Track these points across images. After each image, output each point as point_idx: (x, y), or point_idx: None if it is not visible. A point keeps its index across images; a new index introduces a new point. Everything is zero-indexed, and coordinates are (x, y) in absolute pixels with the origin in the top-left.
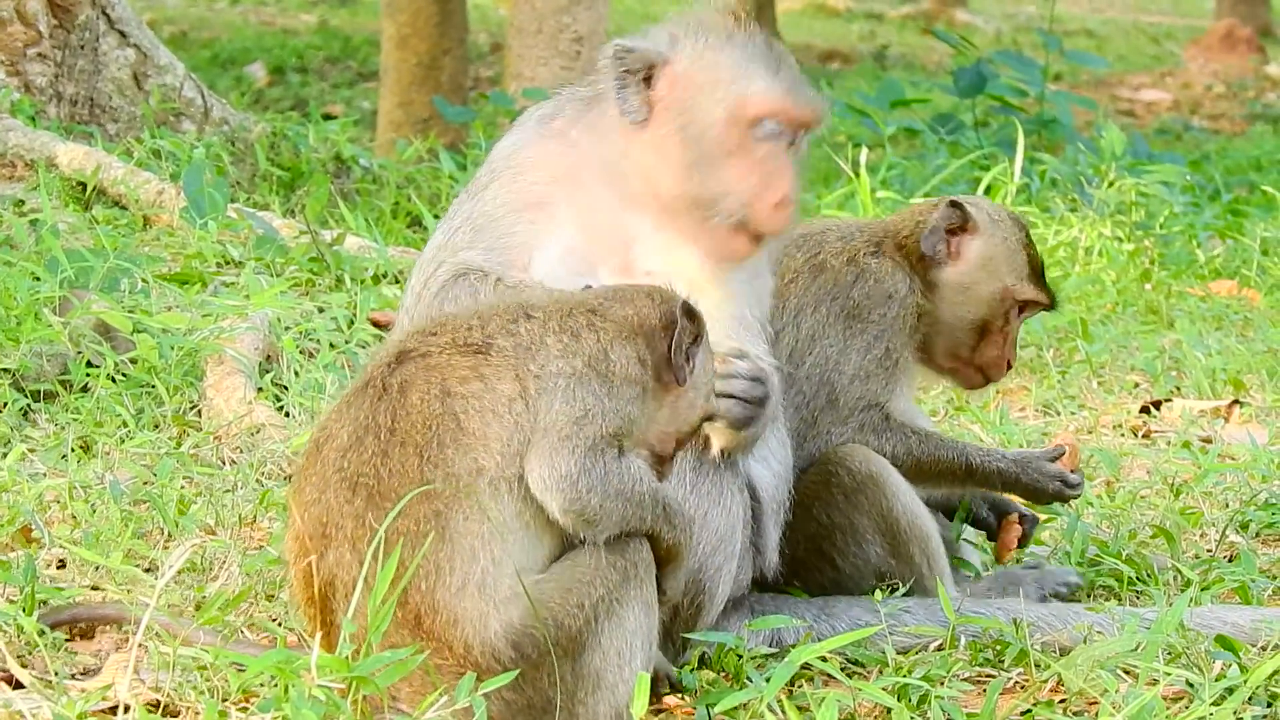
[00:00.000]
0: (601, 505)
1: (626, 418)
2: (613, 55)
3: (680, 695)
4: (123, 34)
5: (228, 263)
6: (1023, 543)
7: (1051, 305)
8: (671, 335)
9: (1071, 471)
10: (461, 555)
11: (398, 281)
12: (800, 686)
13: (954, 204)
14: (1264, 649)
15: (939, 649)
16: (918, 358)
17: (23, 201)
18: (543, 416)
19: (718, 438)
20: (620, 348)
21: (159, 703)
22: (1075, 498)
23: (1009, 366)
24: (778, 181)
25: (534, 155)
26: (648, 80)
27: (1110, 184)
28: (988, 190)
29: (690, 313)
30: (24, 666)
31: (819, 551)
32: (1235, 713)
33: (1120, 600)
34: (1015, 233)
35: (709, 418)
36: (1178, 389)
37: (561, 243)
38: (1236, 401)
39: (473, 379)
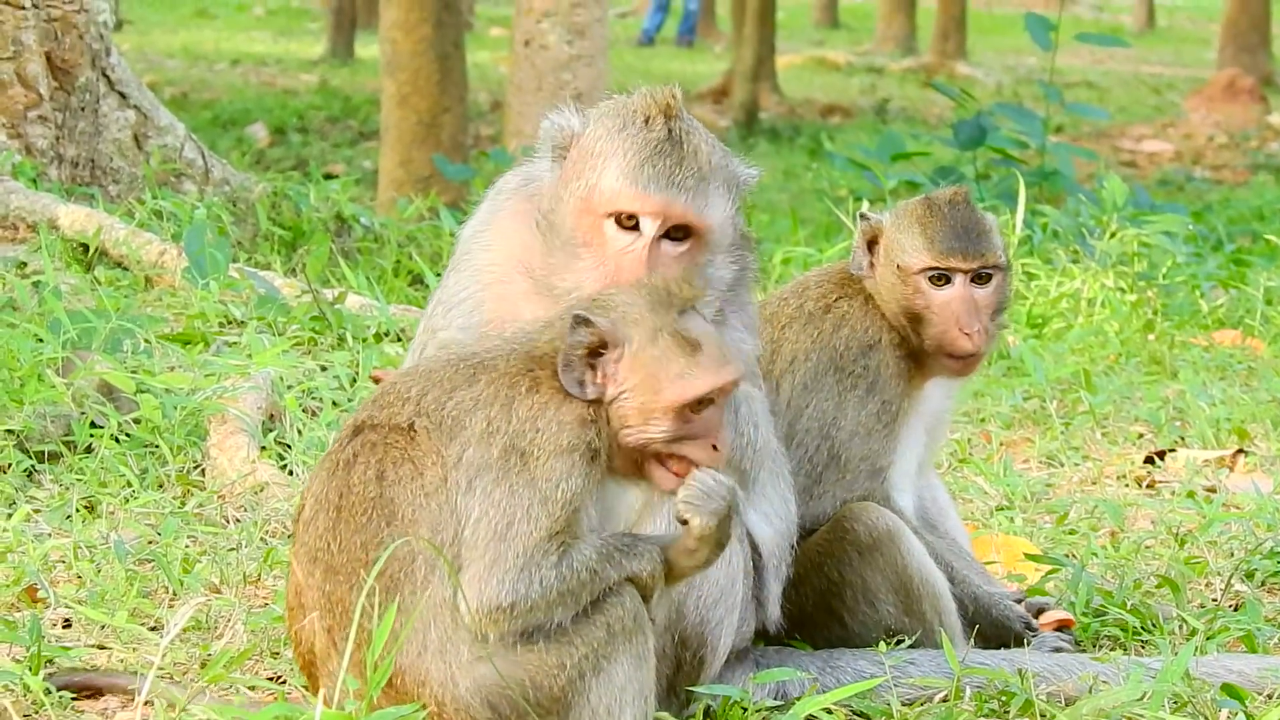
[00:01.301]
0: (547, 614)
1: (562, 501)
2: (544, 128)
3: None
4: (123, 95)
5: (230, 322)
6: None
7: (963, 265)
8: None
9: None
10: (417, 623)
11: (400, 339)
12: None
13: (862, 216)
14: (1270, 697)
15: (944, 700)
16: (919, 378)
17: (25, 263)
18: (466, 525)
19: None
20: (553, 411)
21: None
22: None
23: (966, 335)
24: (629, 274)
25: (492, 237)
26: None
27: (1112, 235)
28: None
29: (582, 321)
30: None
31: (828, 609)
32: None
33: (1126, 650)
34: (915, 210)
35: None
36: (1182, 439)
37: (528, 316)
38: (1241, 451)
39: (404, 461)
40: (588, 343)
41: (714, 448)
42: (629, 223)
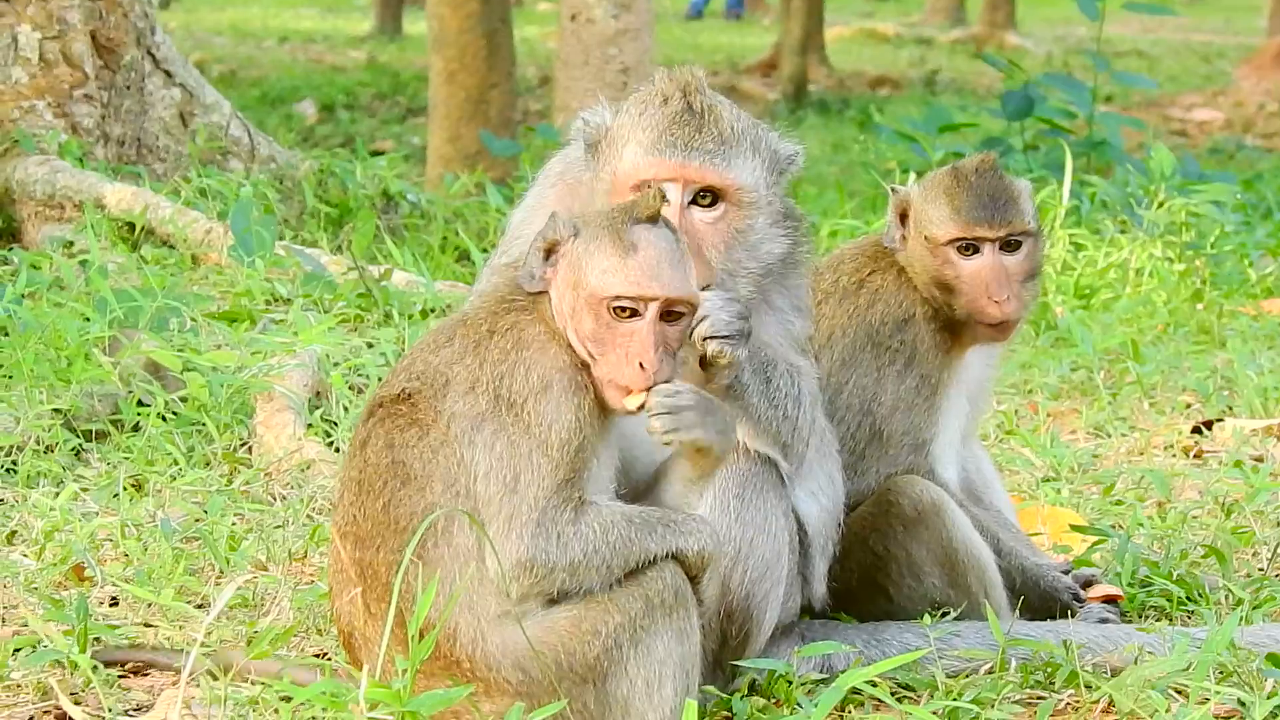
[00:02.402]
0: (572, 575)
1: (559, 444)
2: (576, 127)
3: None
4: (168, 74)
5: (276, 300)
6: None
7: (989, 234)
8: None
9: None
10: (443, 574)
11: (446, 315)
12: (850, 712)
13: (892, 189)
14: None
15: (989, 672)
16: (958, 348)
17: (71, 242)
18: (477, 480)
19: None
20: (517, 351)
21: None
22: (1079, 606)
23: (997, 303)
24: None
25: (540, 221)
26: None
27: (1160, 204)
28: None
29: (549, 222)
30: (77, 704)
31: (873, 582)
32: None
33: (1171, 620)
34: (943, 180)
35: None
36: (1230, 409)
37: None
38: None
39: (409, 426)
40: (546, 238)
41: (640, 366)
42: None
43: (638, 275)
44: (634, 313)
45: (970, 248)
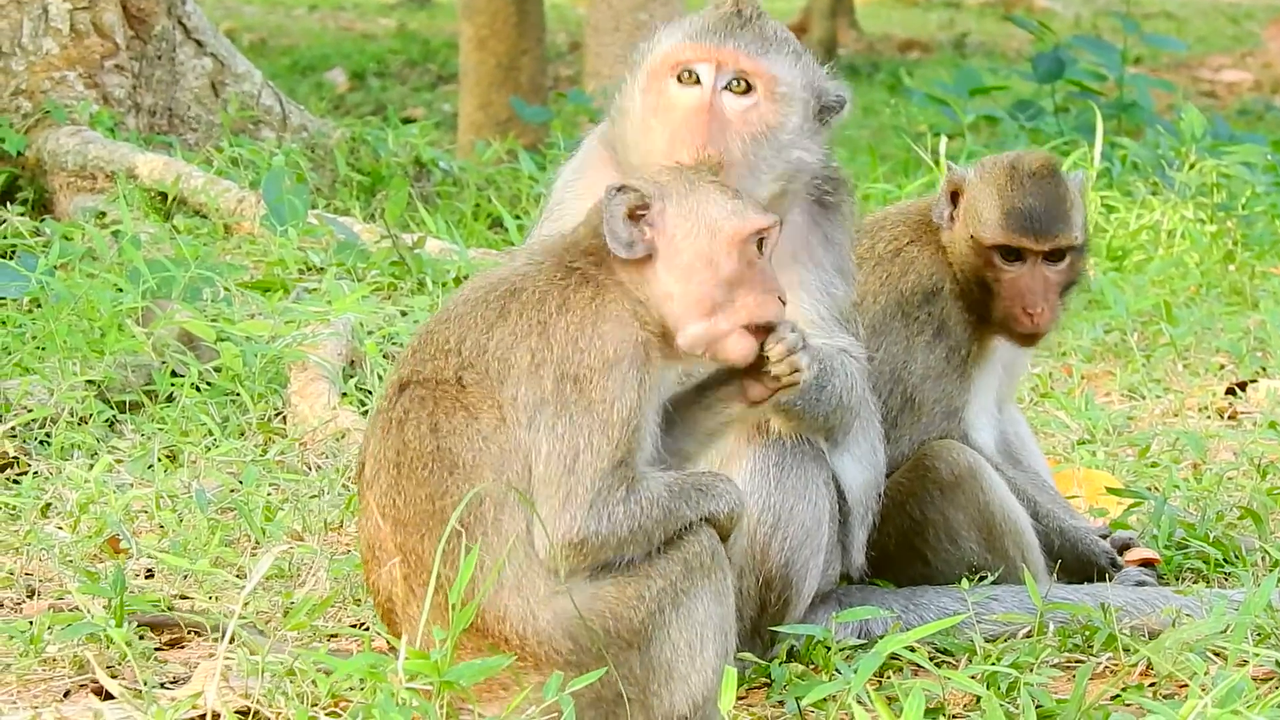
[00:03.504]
0: (618, 550)
1: (620, 422)
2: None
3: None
4: (199, 43)
5: (309, 269)
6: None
7: (1035, 246)
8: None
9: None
10: (492, 561)
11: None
12: (889, 677)
13: (950, 167)
14: None
15: (1027, 636)
16: (984, 333)
17: (104, 213)
18: (538, 461)
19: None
20: (590, 325)
21: (249, 709)
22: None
23: (1029, 316)
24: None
25: (583, 186)
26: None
27: (1191, 166)
28: None
29: (619, 188)
30: (113, 677)
31: (910, 547)
32: None
33: (1208, 583)
34: (998, 178)
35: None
36: (1263, 369)
37: None
38: None
39: (457, 410)
40: (629, 203)
41: (780, 300)
42: (689, 79)
43: (758, 208)
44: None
45: (1014, 254)
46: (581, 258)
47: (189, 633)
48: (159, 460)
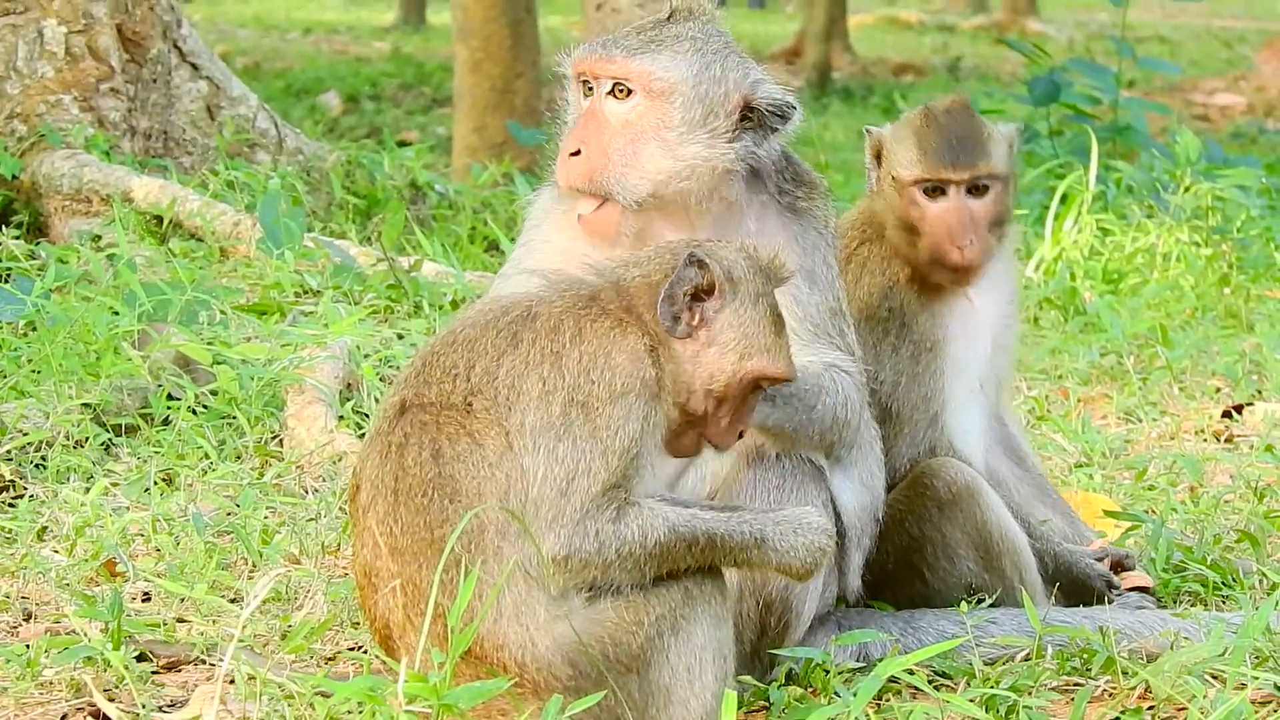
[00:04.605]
0: (606, 572)
1: (620, 450)
2: None
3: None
4: (195, 66)
5: (305, 292)
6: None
7: (954, 176)
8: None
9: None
10: (491, 590)
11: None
12: (888, 700)
13: (867, 130)
14: None
15: (1026, 659)
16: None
17: (99, 236)
18: (533, 484)
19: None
20: (604, 356)
21: None
22: (1113, 593)
23: (958, 248)
24: (572, 135)
25: (566, 213)
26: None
27: (1186, 189)
28: (1063, 199)
29: (697, 261)
30: (111, 700)
31: (908, 565)
32: None
33: (1206, 606)
34: (913, 120)
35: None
36: (1259, 392)
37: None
38: None
39: (461, 436)
40: (698, 282)
41: (740, 434)
42: (589, 90)
43: (788, 354)
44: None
45: (936, 190)
46: (616, 296)
47: (188, 657)
48: (155, 483)
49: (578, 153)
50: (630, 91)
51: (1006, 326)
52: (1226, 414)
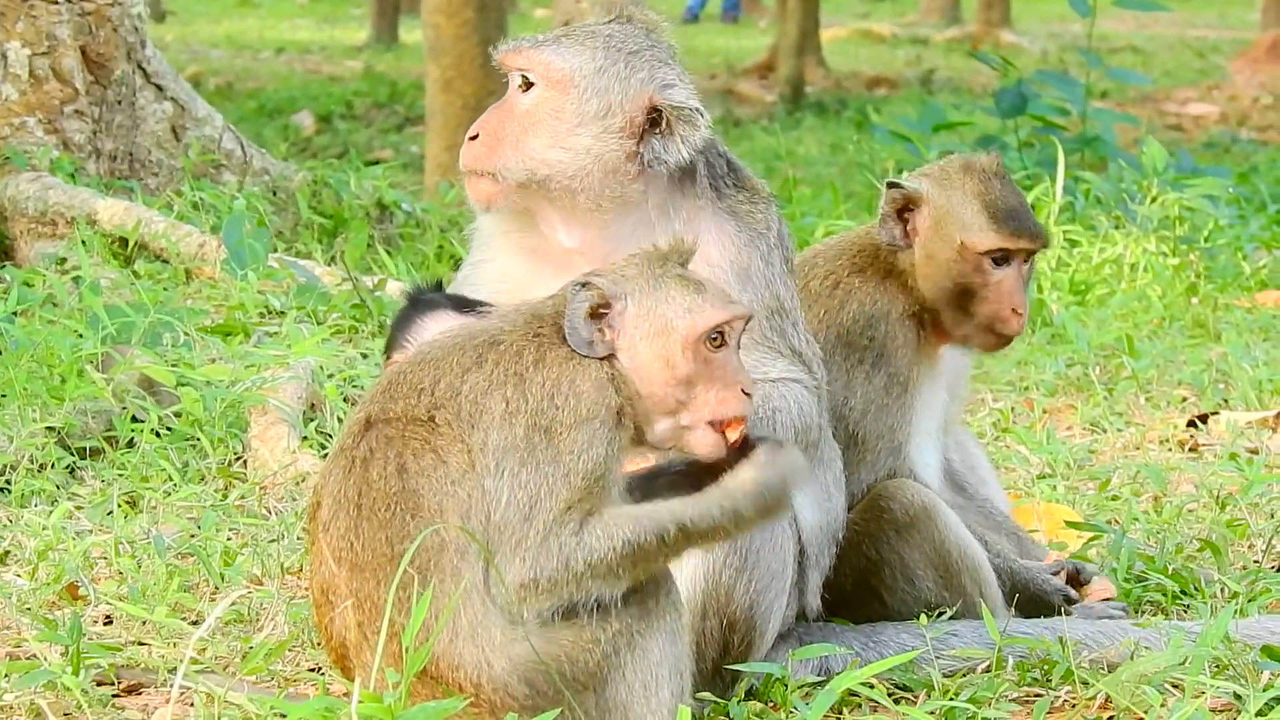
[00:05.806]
0: (578, 585)
1: (584, 473)
2: None
3: None
4: (159, 88)
5: (270, 313)
6: None
7: (1031, 246)
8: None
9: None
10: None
11: None
12: (847, 714)
13: (891, 184)
14: None
15: (986, 670)
16: (935, 344)
17: (64, 259)
18: (497, 509)
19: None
20: (566, 382)
21: None
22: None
23: (1019, 316)
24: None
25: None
26: None
27: (1154, 199)
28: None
29: (582, 284)
30: None
31: (867, 587)
32: None
33: (1167, 615)
34: (967, 184)
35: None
36: (1225, 402)
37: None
38: None
39: (426, 452)
40: (590, 302)
41: (744, 393)
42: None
43: (720, 301)
44: (723, 341)
45: (1004, 258)
46: (553, 331)
47: (151, 681)
48: (118, 506)
49: (475, 137)
50: (533, 84)
51: (959, 377)
52: (1192, 423)
